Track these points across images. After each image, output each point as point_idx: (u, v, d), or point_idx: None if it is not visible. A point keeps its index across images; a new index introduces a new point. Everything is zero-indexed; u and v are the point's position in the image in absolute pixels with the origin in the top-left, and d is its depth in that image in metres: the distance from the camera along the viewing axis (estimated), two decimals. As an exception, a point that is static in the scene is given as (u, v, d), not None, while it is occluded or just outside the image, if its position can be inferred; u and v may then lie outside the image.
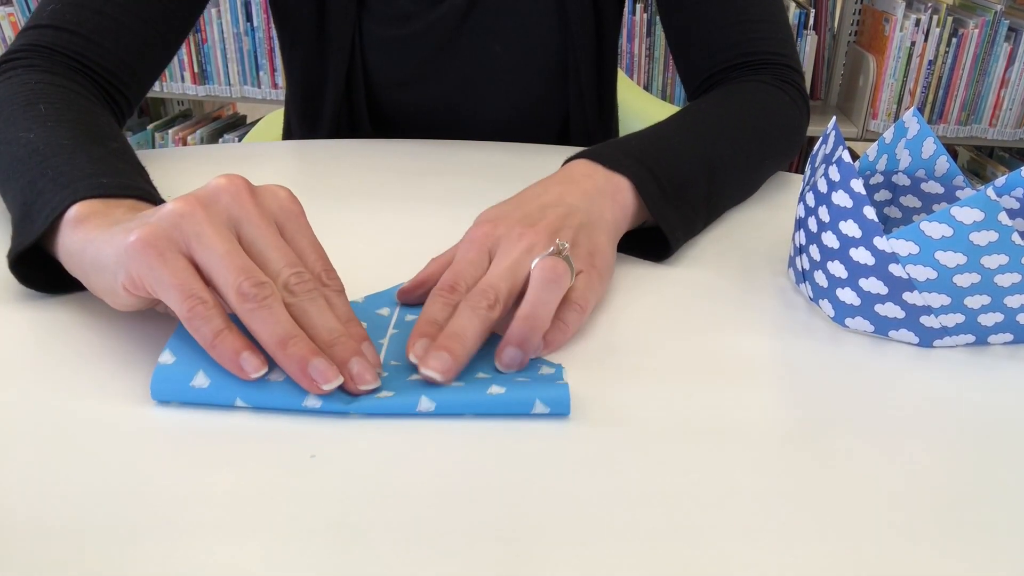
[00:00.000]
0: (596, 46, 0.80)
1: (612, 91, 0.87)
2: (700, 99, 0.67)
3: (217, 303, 0.37)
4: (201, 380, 0.37)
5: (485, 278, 0.44)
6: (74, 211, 0.43)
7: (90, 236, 0.41)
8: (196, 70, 1.91)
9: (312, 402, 0.37)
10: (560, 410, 0.38)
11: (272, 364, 0.38)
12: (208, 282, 0.38)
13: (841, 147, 0.45)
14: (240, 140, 1.85)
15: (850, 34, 1.93)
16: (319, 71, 0.80)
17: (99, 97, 0.63)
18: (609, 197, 0.51)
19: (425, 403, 0.38)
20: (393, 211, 0.60)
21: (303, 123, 0.85)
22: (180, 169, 0.67)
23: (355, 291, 0.48)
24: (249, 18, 1.86)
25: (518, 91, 0.81)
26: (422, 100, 0.81)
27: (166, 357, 0.38)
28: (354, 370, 0.37)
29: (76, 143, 0.50)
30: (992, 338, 0.45)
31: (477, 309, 0.41)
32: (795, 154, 0.69)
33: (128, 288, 0.38)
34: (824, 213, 0.46)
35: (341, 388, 0.38)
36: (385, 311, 0.46)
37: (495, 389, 0.38)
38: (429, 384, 0.39)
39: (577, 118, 0.83)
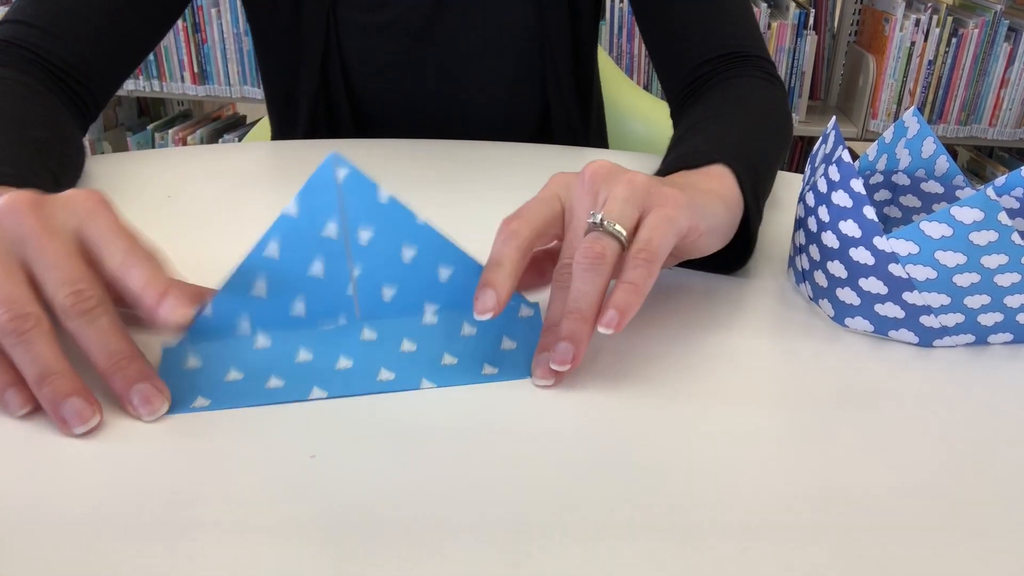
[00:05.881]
0: (571, 34, 0.81)
1: (592, 77, 0.88)
2: (714, 99, 0.66)
3: None
4: (201, 402, 0.38)
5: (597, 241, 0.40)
6: None
7: None
8: (196, 70, 1.90)
9: (318, 393, 0.38)
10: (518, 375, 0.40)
11: (274, 369, 0.39)
12: None
13: (841, 147, 0.45)
14: (240, 140, 1.85)
15: (850, 34, 1.93)
16: (294, 60, 0.80)
17: (55, 90, 0.62)
18: (703, 175, 0.48)
19: (425, 383, 0.39)
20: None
21: (281, 117, 0.85)
22: (180, 169, 0.67)
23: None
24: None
25: (496, 79, 0.82)
26: (399, 89, 0.81)
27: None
28: (135, 400, 0.36)
29: None
30: (992, 338, 0.45)
31: (591, 270, 0.39)
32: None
33: None
34: (824, 213, 0.46)
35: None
36: (332, 230, 0.41)
37: (448, 359, 0.40)
38: (422, 360, 0.40)
39: (557, 106, 0.83)
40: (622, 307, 0.39)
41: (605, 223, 0.40)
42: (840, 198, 0.44)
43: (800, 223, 0.49)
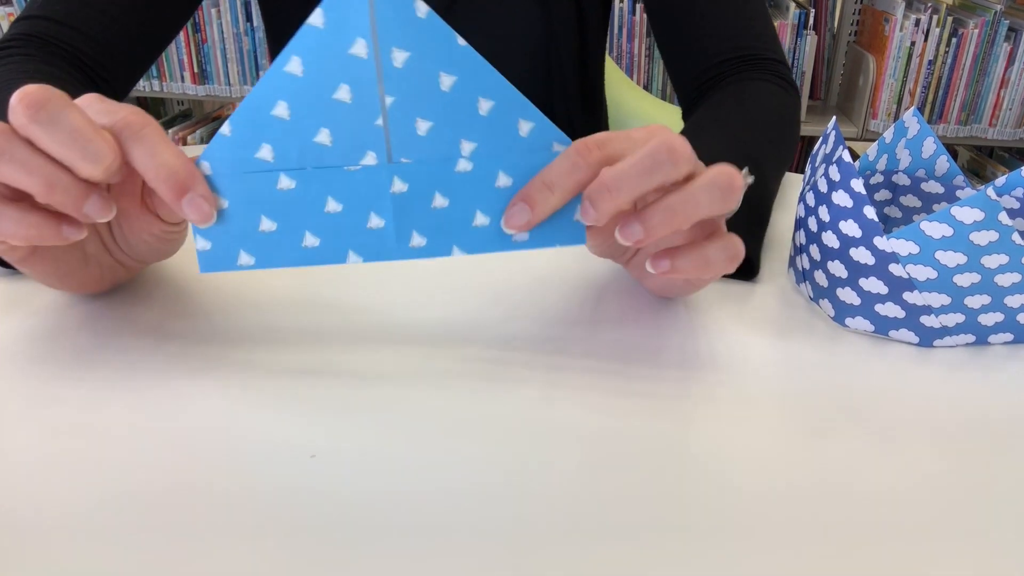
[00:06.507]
0: (579, 40, 0.81)
1: (598, 86, 0.88)
2: (719, 106, 0.65)
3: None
4: (245, 259, 0.38)
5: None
6: None
7: None
8: (196, 70, 1.91)
9: (354, 258, 0.38)
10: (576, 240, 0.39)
11: (306, 222, 0.38)
12: None
13: (841, 147, 0.45)
14: (240, 140, 1.84)
15: (850, 34, 1.93)
16: None
17: (85, 83, 0.64)
18: None
19: (456, 251, 0.39)
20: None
21: None
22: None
23: (355, 306, 0.48)
24: (249, 18, 1.86)
25: None
26: None
27: (202, 244, 0.38)
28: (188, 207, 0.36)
29: None
30: (992, 338, 0.45)
31: (671, 161, 0.35)
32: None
33: None
34: (824, 213, 0.46)
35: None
36: (360, 48, 0.37)
37: (480, 219, 0.39)
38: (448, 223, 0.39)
39: (561, 112, 0.83)
40: (696, 281, 0.38)
41: (748, 180, 0.36)
42: (840, 198, 0.44)
43: (800, 223, 0.49)
